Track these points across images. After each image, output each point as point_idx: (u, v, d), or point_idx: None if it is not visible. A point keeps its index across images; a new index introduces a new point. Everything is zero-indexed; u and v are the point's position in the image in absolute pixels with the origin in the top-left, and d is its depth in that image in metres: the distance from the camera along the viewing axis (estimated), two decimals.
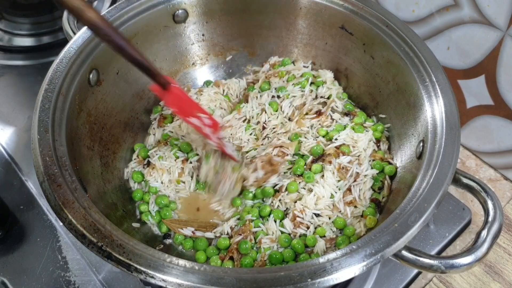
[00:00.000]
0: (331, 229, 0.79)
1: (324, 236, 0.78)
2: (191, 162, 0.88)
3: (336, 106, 0.93)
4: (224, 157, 0.85)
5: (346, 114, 0.93)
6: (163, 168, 0.87)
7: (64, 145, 0.68)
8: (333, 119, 0.91)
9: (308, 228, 0.79)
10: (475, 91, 0.96)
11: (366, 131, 0.89)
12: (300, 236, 0.79)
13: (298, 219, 0.79)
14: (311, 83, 0.96)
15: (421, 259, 0.59)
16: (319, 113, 0.91)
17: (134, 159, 0.91)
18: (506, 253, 0.88)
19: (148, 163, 0.88)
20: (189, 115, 0.79)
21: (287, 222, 0.79)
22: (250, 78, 1.03)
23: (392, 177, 0.84)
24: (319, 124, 0.90)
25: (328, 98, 0.94)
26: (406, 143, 0.82)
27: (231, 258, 0.77)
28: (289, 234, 0.79)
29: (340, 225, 0.79)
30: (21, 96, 1.11)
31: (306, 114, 0.91)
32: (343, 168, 0.83)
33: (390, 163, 0.85)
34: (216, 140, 0.83)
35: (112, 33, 0.64)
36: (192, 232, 0.81)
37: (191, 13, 0.95)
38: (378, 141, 0.89)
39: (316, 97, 0.94)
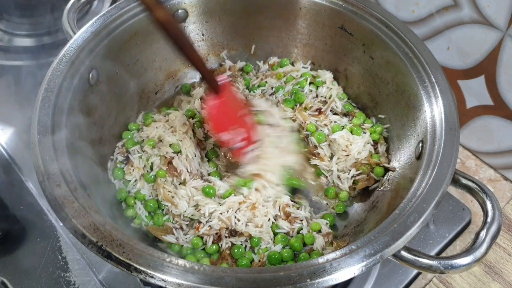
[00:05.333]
0: (325, 224, 0.80)
1: (320, 231, 0.79)
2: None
3: (336, 106, 0.93)
4: None
5: (345, 114, 0.93)
6: (141, 167, 0.84)
7: (64, 145, 0.68)
8: (331, 121, 0.91)
9: (301, 220, 0.79)
10: (475, 91, 0.96)
11: (364, 132, 0.89)
12: (298, 232, 0.79)
13: (292, 215, 0.79)
14: (310, 83, 0.96)
15: (420, 259, 0.59)
16: (319, 112, 0.91)
17: (117, 147, 0.87)
18: (506, 253, 0.88)
19: (127, 159, 0.85)
20: (224, 130, 0.80)
21: (282, 222, 0.79)
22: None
23: (390, 177, 0.84)
24: (318, 123, 0.90)
25: (329, 98, 0.94)
26: (405, 144, 0.82)
27: (226, 264, 0.76)
28: (287, 233, 0.79)
29: (332, 195, 0.85)
30: (21, 96, 1.11)
31: (305, 109, 0.91)
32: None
33: (386, 168, 0.84)
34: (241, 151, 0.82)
35: (179, 33, 0.70)
36: (176, 238, 0.78)
37: (191, 12, 0.95)
38: (376, 143, 0.88)
39: (317, 96, 0.94)
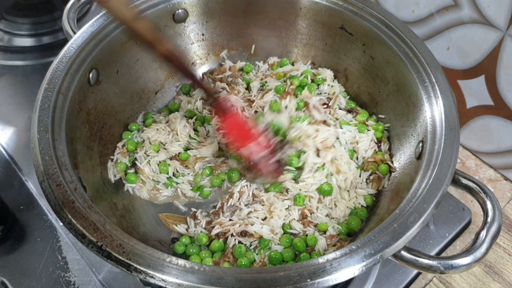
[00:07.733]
0: (333, 226, 0.79)
1: (325, 233, 0.78)
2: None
3: (340, 103, 0.93)
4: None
5: (349, 111, 0.93)
6: (148, 174, 0.85)
7: (64, 145, 0.68)
8: (337, 119, 0.91)
9: (315, 226, 0.79)
10: (475, 91, 0.96)
11: (368, 130, 0.89)
12: (306, 235, 0.78)
13: (308, 218, 0.79)
14: (312, 81, 0.96)
15: (420, 259, 0.59)
16: (327, 106, 0.91)
17: (117, 147, 0.88)
18: (506, 253, 0.88)
19: (134, 164, 0.87)
20: (244, 144, 0.80)
21: (295, 223, 0.78)
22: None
23: (390, 177, 0.84)
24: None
25: (333, 94, 0.95)
26: (405, 144, 0.82)
27: (227, 262, 0.76)
28: (291, 234, 0.78)
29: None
30: (21, 96, 1.11)
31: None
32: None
33: (390, 166, 0.84)
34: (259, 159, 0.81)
35: (183, 63, 0.81)
36: (186, 229, 0.79)
37: (191, 12, 0.95)
38: (379, 141, 0.89)
39: (320, 93, 0.95)
